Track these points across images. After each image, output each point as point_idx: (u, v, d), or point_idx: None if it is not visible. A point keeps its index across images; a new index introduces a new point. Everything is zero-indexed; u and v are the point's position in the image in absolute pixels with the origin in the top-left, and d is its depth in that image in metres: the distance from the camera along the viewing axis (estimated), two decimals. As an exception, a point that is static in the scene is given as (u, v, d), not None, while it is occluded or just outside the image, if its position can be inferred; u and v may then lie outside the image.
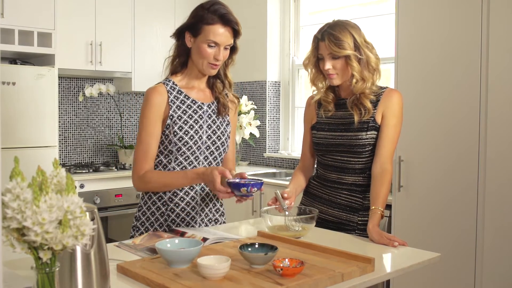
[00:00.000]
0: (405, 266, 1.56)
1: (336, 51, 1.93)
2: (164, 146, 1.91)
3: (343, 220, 2.03)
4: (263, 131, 4.58)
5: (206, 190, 1.98)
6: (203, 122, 1.95)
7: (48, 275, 0.99)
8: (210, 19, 1.83)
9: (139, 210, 1.99)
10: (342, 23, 1.98)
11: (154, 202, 1.95)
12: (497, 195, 2.53)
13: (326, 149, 2.05)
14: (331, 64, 1.96)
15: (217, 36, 1.84)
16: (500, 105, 2.51)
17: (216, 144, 1.97)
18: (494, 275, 2.54)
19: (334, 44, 1.93)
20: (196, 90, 1.97)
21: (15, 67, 3.57)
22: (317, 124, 2.11)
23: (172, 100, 1.90)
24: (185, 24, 1.90)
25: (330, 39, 1.94)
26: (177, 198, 1.93)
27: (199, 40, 1.86)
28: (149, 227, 1.95)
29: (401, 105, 2.02)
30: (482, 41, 2.56)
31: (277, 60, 4.64)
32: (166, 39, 4.46)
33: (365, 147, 1.98)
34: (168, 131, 1.89)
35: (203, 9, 1.86)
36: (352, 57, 1.93)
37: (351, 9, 4.21)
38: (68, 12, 3.87)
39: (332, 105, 2.06)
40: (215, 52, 1.86)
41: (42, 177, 1.00)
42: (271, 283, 1.29)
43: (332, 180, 2.06)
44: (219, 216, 2.06)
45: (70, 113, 4.36)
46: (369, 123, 1.98)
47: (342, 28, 1.95)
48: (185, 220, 1.94)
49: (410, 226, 2.87)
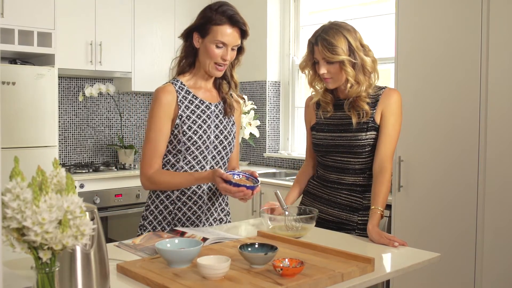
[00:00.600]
0: (405, 266, 1.56)
1: (330, 57, 1.92)
2: (173, 145, 1.93)
3: (343, 220, 2.04)
4: (263, 131, 4.59)
5: (213, 190, 2.00)
6: (211, 122, 1.97)
7: (48, 275, 0.99)
8: (219, 20, 1.86)
9: (147, 210, 2.00)
10: (337, 26, 1.96)
11: (162, 200, 1.96)
12: (497, 195, 2.53)
13: (325, 150, 2.06)
14: (326, 68, 1.95)
15: (225, 36, 1.87)
16: (500, 105, 2.51)
17: (223, 143, 2.00)
18: (494, 275, 2.55)
19: (327, 50, 1.92)
20: (203, 90, 2.00)
21: (15, 67, 3.57)
22: (316, 125, 2.11)
23: (181, 100, 1.92)
24: (193, 25, 1.93)
25: (324, 44, 1.92)
26: (185, 197, 1.96)
27: (207, 41, 1.89)
28: (156, 225, 1.96)
29: (400, 105, 2.02)
30: (482, 41, 2.56)
31: (277, 60, 4.64)
32: (166, 39, 4.53)
33: (364, 147, 1.98)
34: (177, 131, 1.91)
35: (211, 10, 1.89)
36: (346, 62, 1.92)
37: (351, 9, 4.21)
38: (68, 12, 3.86)
39: (331, 106, 2.06)
40: (223, 52, 1.88)
41: (42, 177, 1.00)
42: (271, 283, 1.29)
43: (332, 180, 2.06)
44: (224, 215, 2.08)
45: (70, 113, 4.36)
46: (369, 123, 1.98)
47: (335, 32, 1.93)
48: (191, 219, 1.96)
49: (410, 226, 2.87)
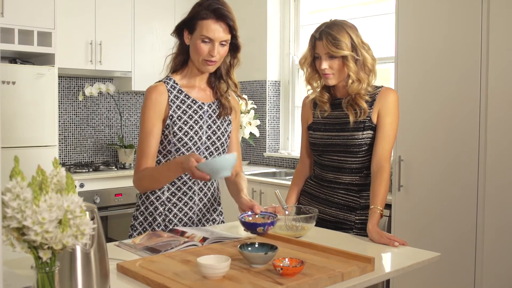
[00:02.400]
0: (405, 266, 1.56)
1: (334, 51, 1.93)
2: (163, 146, 1.90)
3: (340, 219, 2.04)
4: (263, 131, 4.59)
5: (205, 190, 1.97)
6: (203, 123, 1.93)
7: (48, 274, 0.99)
8: (204, 14, 1.81)
9: (137, 210, 1.98)
10: (340, 22, 1.97)
11: (152, 202, 1.94)
12: (497, 195, 2.53)
13: (322, 149, 2.06)
14: (327, 63, 1.96)
15: (210, 31, 1.81)
16: (500, 105, 2.51)
17: (215, 144, 1.96)
18: (494, 275, 2.55)
19: (332, 44, 1.93)
20: (196, 90, 1.96)
21: (15, 66, 3.57)
22: (313, 124, 2.11)
23: (172, 100, 1.89)
24: (181, 22, 1.89)
25: (328, 38, 1.93)
26: (175, 198, 1.93)
27: (194, 37, 1.84)
28: (147, 227, 1.94)
29: (397, 104, 2.01)
30: (482, 41, 2.56)
31: (277, 60, 4.64)
32: (166, 38, 4.51)
33: (361, 146, 1.98)
34: (167, 131, 1.88)
35: (199, 5, 1.85)
36: (349, 57, 1.93)
37: (351, 8, 4.21)
38: (68, 12, 3.87)
39: (328, 105, 2.06)
40: (210, 48, 1.82)
41: (42, 177, 1.00)
42: (271, 282, 1.29)
43: (329, 179, 2.06)
44: (216, 215, 2.05)
45: (70, 112, 4.36)
46: (365, 122, 1.98)
47: (340, 28, 1.95)
48: (183, 220, 1.94)
49: (410, 226, 2.87)
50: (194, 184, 1.94)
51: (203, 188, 1.97)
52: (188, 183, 1.93)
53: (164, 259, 1.48)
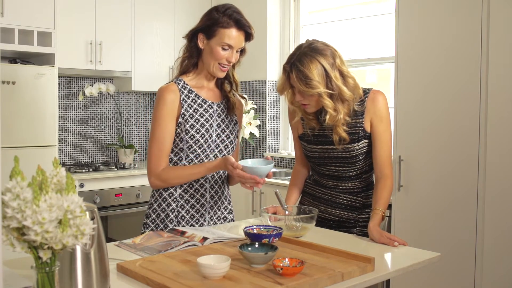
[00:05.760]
0: (405, 266, 1.56)
1: (305, 91, 1.83)
2: (175, 144, 1.95)
3: (344, 218, 2.04)
4: (263, 131, 4.58)
5: (216, 188, 2.02)
6: (213, 121, 1.99)
7: (48, 274, 0.99)
8: (226, 23, 1.89)
9: (150, 208, 2.01)
10: (312, 51, 1.85)
11: (165, 199, 1.97)
12: (497, 195, 2.53)
13: (319, 161, 2.04)
14: (301, 97, 1.89)
15: (231, 39, 1.90)
16: (500, 105, 2.51)
17: (225, 142, 2.02)
18: (494, 275, 2.54)
19: (302, 83, 1.82)
20: (206, 90, 2.02)
21: (15, 66, 3.56)
22: (304, 136, 2.06)
23: (184, 99, 1.94)
24: (199, 26, 1.94)
25: (298, 76, 1.83)
26: (187, 195, 1.97)
27: (213, 42, 1.91)
28: (159, 223, 1.97)
29: (387, 107, 1.98)
30: (482, 41, 2.56)
31: (277, 60, 4.64)
32: (166, 38, 4.52)
33: (358, 156, 1.98)
34: (179, 129, 1.93)
35: (218, 12, 1.91)
36: (323, 94, 1.83)
37: (351, 8, 4.20)
38: (68, 11, 3.86)
39: (315, 121, 1.99)
40: (228, 54, 1.92)
41: (42, 177, 1.00)
42: (271, 282, 1.29)
43: (330, 186, 2.07)
44: (227, 213, 2.09)
45: (70, 112, 4.36)
46: (359, 133, 1.95)
47: (310, 59, 1.82)
48: (195, 217, 1.98)
49: (410, 226, 2.87)
50: (206, 182, 1.99)
51: (214, 186, 2.01)
52: (200, 180, 1.98)
53: (164, 259, 1.48)
